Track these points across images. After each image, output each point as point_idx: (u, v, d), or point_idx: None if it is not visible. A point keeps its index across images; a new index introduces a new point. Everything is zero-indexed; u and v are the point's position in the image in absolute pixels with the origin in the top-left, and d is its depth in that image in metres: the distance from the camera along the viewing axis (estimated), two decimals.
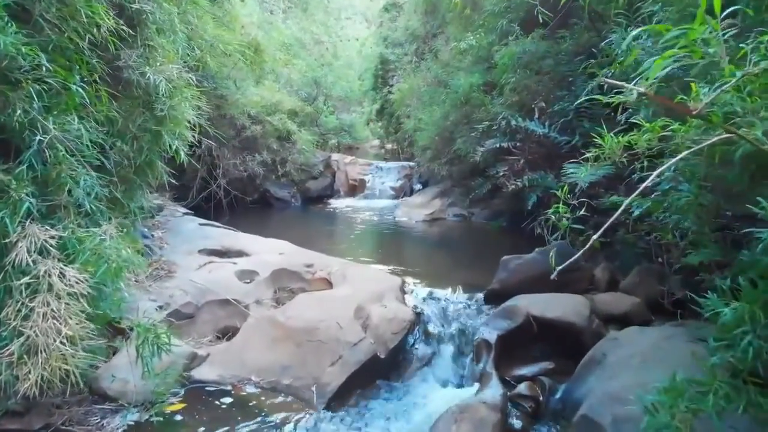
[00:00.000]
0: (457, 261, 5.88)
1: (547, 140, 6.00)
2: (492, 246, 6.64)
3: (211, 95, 8.73)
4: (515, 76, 6.43)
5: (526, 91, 6.47)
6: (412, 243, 7.08)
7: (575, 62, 5.87)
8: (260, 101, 9.59)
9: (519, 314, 3.85)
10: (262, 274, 4.68)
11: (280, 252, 5.25)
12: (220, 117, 9.04)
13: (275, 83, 10.76)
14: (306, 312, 3.81)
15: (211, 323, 4.26)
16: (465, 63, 8.61)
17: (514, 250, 6.14)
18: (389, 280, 4.54)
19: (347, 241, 7.28)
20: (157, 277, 4.59)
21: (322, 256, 5.30)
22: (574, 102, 5.65)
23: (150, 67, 4.07)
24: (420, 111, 9.87)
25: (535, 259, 4.37)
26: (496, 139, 6.50)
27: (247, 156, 9.24)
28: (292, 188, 10.14)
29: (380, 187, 11.45)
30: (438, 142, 9.07)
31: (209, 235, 5.58)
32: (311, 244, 6.73)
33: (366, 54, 19.74)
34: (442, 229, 7.95)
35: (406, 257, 6.07)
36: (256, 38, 9.26)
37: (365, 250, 6.37)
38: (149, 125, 4.12)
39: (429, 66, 10.35)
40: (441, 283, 4.87)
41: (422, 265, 5.77)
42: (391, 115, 15.42)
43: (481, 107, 7.16)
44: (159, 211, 5.99)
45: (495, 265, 5.63)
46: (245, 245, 5.39)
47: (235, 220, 8.61)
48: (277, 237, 7.35)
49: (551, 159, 6.01)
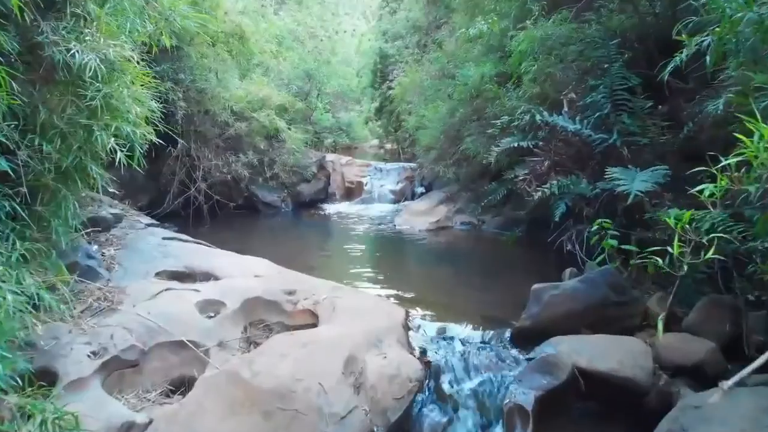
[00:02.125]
0: (471, 282, 4.94)
1: (576, 138, 5.07)
2: (510, 263, 5.70)
3: (189, 89, 7.80)
4: (536, 64, 5.50)
5: (549, 82, 5.54)
6: (416, 258, 6.14)
7: (611, 46, 4.94)
8: (246, 96, 8.64)
9: (562, 367, 2.91)
10: (231, 305, 3.73)
11: (256, 274, 4.31)
12: (200, 113, 8.11)
13: (264, 77, 9.81)
14: (280, 365, 2.87)
15: (161, 372, 3.31)
16: (474, 53, 7.67)
17: (538, 269, 5.21)
18: (389, 314, 3.59)
19: (340, 254, 6.33)
20: (98, 311, 3.63)
21: (307, 279, 4.36)
22: (610, 93, 4.73)
23: (80, 44, 3.14)
24: (423, 107, 8.93)
25: (576, 290, 3.43)
26: (513, 138, 5.57)
27: (230, 157, 8.29)
28: (282, 192, 9.19)
29: (379, 191, 10.51)
30: (443, 141, 8.15)
31: (172, 252, 4.63)
32: (298, 258, 5.80)
33: (364, 49, 18.82)
34: (449, 240, 7.01)
35: (408, 277, 5.14)
36: (241, 26, 8.32)
37: (361, 268, 5.44)
38: (80, 118, 3.18)
39: (433, 58, 9.41)
40: (453, 314, 3.94)
41: (429, 287, 4.83)
42: (390, 112, 14.50)
43: (495, 101, 6.23)
44: (116, 223, 5.04)
45: (516, 287, 4.69)
46: (215, 266, 4.44)
47: (216, 229, 7.68)
48: (261, 248, 6.46)
49: (581, 160, 5.08)
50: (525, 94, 5.72)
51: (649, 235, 4.30)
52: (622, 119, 4.65)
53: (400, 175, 11.11)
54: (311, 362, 2.87)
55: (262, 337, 3.64)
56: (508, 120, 5.21)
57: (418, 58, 10.45)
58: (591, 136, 4.68)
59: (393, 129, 15.00)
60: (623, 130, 4.64)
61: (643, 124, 4.67)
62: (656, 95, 4.80)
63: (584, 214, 4.68)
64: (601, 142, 4.71)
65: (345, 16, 23.74)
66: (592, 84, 4.87)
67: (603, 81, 4.83)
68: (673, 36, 3.36)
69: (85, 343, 3.27)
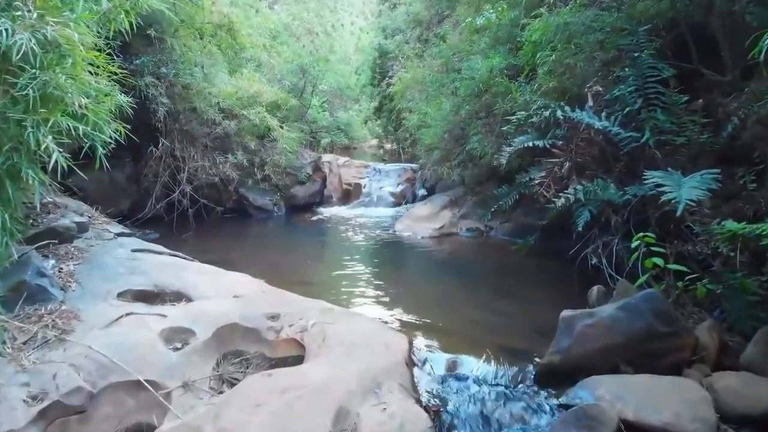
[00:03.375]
0: (482, 301, 4.36)
1: (599, 137, 4.49)
2: (525, 276, 5.12)
3: (174, 84, 7.22)
4: (554, 54, 4.92)
5: (569, 74, 4.96)
6: (419, 270, 5.56)
7: (640, 33, 4.36)
8: (236, 92, 8.06)
9: (604, 421, 2.33)
10: (202, 333, 3.15)
11: (236, 294, 3.73)
12: (186, 110, 7.53)
13: (256, 72, 9.23)
14: (252, 420, 2.29)
15: (114, 420, 2.74)
16: (481, 45, 7.09)
17: (558, 285, 4.61)
18: (389, 346, 3.01)
19: (335, 266, 5.75)
20: (43, 342, 3.05)
21: (294, 298, 3.78)
22: (642, 85, 4.16)
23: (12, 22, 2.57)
24: (425, 104, 8.35)
25: (615, 320, 2.85)
26: (528, 136, 4.99)
27: (218, 157, 7.71)
28: (275, 195, 8.61)
29: (378, 193, 9.94)
30: (447, 141, 7.58)
31: (141, 267, 4.05)
32: (288, 270, 5.22)
33: (363, 46, 18.25)
34: (455, 249, 6.44)
35: (411, 294, 4.55)
36: (230, 17, 7.74)
37: (357, 282, 4.86)
38: (12, 113, 2.60)
39: (436, 52, 8.83)
40: (465, 343, 3.36)
41: (435, 307, 4.24)
42: (390, 111, 13.95)
43: (507, 96, 5.65)
44: (81, 233, 4.46)
45: (536, 308, 4.11)
46: (189, 283, 3.86)
47: (201, 235, 7.10)
48: (248, 258, 5.86)
49: (606, 162, 4.51)
50: (540, 89, 5.14)
51: (689, 249, 3.73)
52: (655, 115, 4.07)
53: (400, 176, 10.54)
54: (291, 416, 2.29)
55: (238, 372, 3.07)
56: (525, 116, 4.62)
57: (420, 53, 9.86)
58: (620, 135, 4.10)
59: (393, 128, 14.45)
60: (656, 128, 4.07)
61: (679, 121, 4.10)
62: (686, 89, 4.24)
63: (612, 224, 4.11)
64: (630, 141, 4.14)
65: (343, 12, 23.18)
66: (619, 75, 4.29)
67: (632, 72, 4.25)
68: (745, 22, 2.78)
69: (22, 384, 2.70)
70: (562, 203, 3.93)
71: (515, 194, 5.50)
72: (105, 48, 4.36)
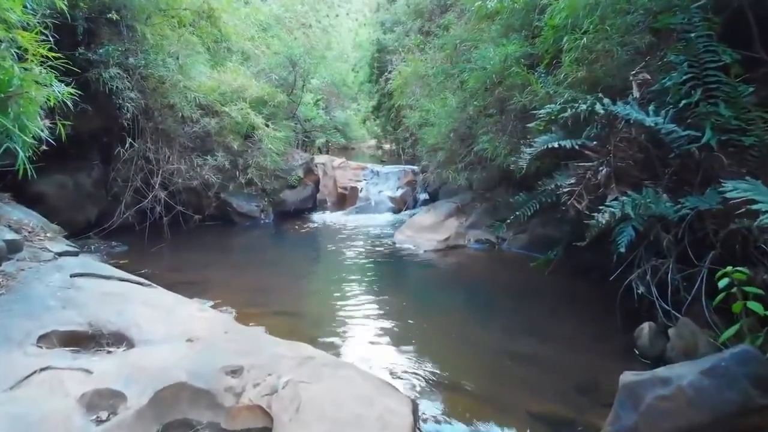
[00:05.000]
0: (500, 338, 3.56)
1: (643, 136, 3.70)
2: (548, 301, 4.32)
3: (147, 77, 6.41)
4: (584, 38, 4.12)
5: (601, 62, 4.17)
6: (423, 295, 4.72)
7: (693, 10, 3.56)
8: (217, 87, 7.25)
9: None
10: (136, 398, 2.35)
11: (191, 336, 2.93)
12: (161, 107, 6.73)
13: (242, 65, 8.42)
14: None
15: None
16: (491, 34, 6.28)
17: (595, 317, 3.65)
18: (387, 424, 2.21)
19: (323, 288, 4.93)
20: None
21: (265, 341, 2.99)
22: (699, 73, 3.37)
23: None
24: (427, 101, 7.55)
25: (699, 390, 2.05)
26: (551, 136, 4.19)
27: (197, 159, 6.91)
28: (262, 200, 7.80)
29: (376, 198, 9.15)
30: (452, 141, 6.78)
31: (78, 299, 3.25)
32: (266, 295, 4.38)
33: (360, 41, 17.45)
34: (463, 265, 5.63)
35: (414, 330, 3.72)
36: (209, 2, 6.94)
37: (349, 313, 4.03)
38: None
39: (439, 43, 8.02)
40: (485, 408, 2.56)
41: (444, 349, 3.43)
42: (389, 109, 13.15)
43: (525, 89, 4.86)
44: (12, 253, 3.66)
45: (572, 349, 3.25)
46: (134, 320, 3.06)
47: (176, 247, 6.30)
48: (223, 277, 4.91)
49: (651, 167, 3.71)
50: (566, 79, 4.35)
51: (765, 278, 2.95)
52: (717, 110, 3.27)
53: (400, 179, 9.76)
54: None
55: None
56: (557, 110, 3.80)
57: (421, 45, 9.06)
58: (674, 134, 3.30)
59: (392, 127, 13.65)
60: (719, 125, 3.27)
61: (746, 117, 3.31)
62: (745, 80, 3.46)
63: (664, 244, 3.31)
64: (684, 141, 3.34)
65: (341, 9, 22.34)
66: (671, 60, 3.48)
67: (685, 57, 3.45)
68: None
69: None
70: (606, 219, 3.13)
71: (535, 203, 4.70)
72: (39, 27, 3.61)
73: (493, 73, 5.28)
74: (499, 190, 6.39)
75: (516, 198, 4.80)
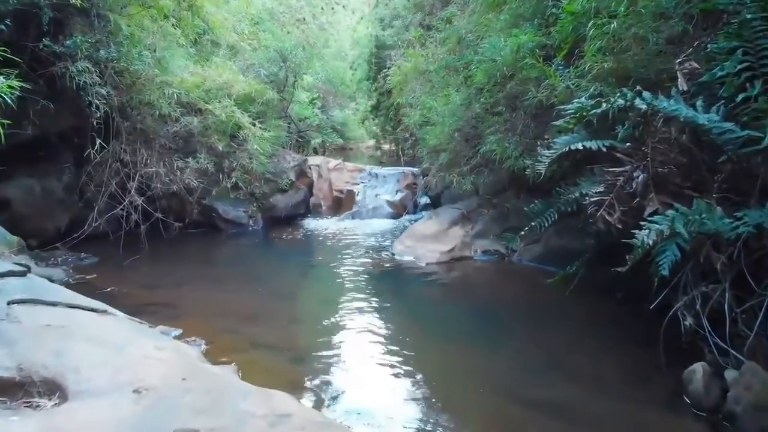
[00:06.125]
0: (521, 379, 2.99)
1: (685, 136, 3.13)
2: (573, 327, 3.76)
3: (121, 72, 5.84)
4: (614, 23, 3.56)
5: (633, 50, 3.60)
6: (424, 319, 4.09)
7: None
8: (202, 83, 6.68)
9: None
10: None
11: (139, 386, 2.35)
12: (139, 105, 6.16)
13: (230, 60, 7.84)
14: None
15: None
16: (498, 25, 5.71)
17: (633, 354, 3.06)
18: None
19: (311, 312, 4.33)
20: None
21: (234, 390, 2.42)
22: (756, 61, 2.81)
23: None
24: (429, 97, 6.99)
25: None
26: (573, 136, 3.63)
27: (177, 161, 6.34)
28: (250, 205, 7.23)
29: (374, 203, 8.58)
30: (457, 142, 6.23)
31: (9, 333, 2.67)
32: (245, 321, 3.74)
33: (358, 37, 16.87)
34: (470, 281, 5.08)
35: (414, 366, 3.11)
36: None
37: (340, 343, 3.45)
38: None
39: (441, 37, 7.46)
40: None
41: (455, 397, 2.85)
42: (388, 108, 12.59)
43: (542, 83, 4.30)
44: None
45: (607, 398, 2.66)
46: (72, 363, 2.48)
47: (152, 258, 5.72)
48: (200, 295, 4.25)
49: (698, 173, 3.14)
50: (591, 71, 3.78)
51: None
52: None
53: (399, 182, 9.18)
54: None
55: None
56: (590, 105, 3.22)
57: (422, 39, 8.49)
58: (728, 134, 2.74)
59: (391, 127, 13.10)
60: None
61: None
62: None
63: (717, 266, 2.75)
64: (741, 143, 2.78)
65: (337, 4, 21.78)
66: (720, 47, 2.92)
67: (738, 43, 2.89)
68: None
69: None
70: (653, 239, 2.56)
71: (553, 212, 4.13)
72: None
73: (504, 65, 4.71)
74: (509, 195, 5.83)
75: (531, 206, 4.23)
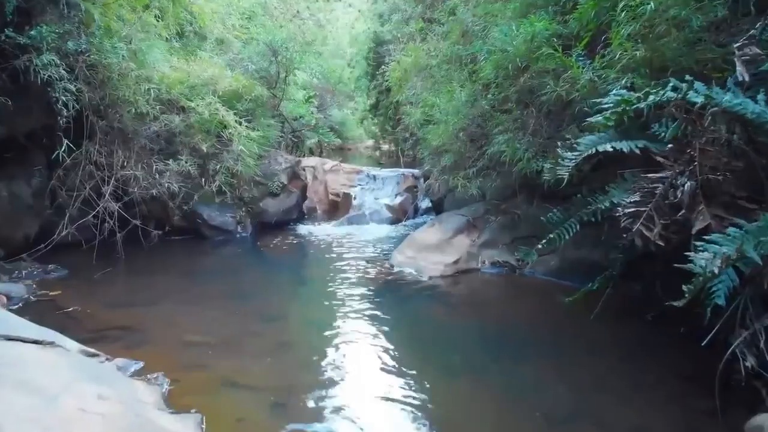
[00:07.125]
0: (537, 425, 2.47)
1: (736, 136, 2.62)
2: (599, 356, 3.23)
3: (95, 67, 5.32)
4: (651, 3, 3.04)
5: (671, 35, 3.08)
6: (427, 348, 3.51)
7: None
8: (186, 78, 6.16)
9: None
10: None
11: None
12: (116, 103, 5.63)
13: (217, 55, 7.32)
14: None
15: None
16: (507, 14, 5.19)
17: (666, 383, 2.64)
18: None
19: (299, 338, 3.79)
20: None
21: None
22: None
23: None
24: (431, 94, 6.47)
25: None
26: (601, 136, 3.12)
27: (156, 164, 5.82)
28: (239, 211, 6.72)
29: (372, 206, 8.07)
30: (462, 142, 5.71)
31: None
32: (221, 350, 3.17)
33: (356, 34, 16.35)
34: (477, 298, 4.56)
35: (415, 411, 2.63)
36: None
37: (325, 381, 2.90)
38: None
39: (442, 31, 6.94)
40: None
41: None
42: (387, 106, 12.08)
43: (561, 75, 3.79)
44: None
45: None
46: None
47: (127, 270, 5.21)
48: (170, 317, 3.72)
49: (757, 180, 2.63)
50: (621, 61, 3.27)
51: None
52: None
53: (399, 184, 8.69)
54: None
55: None
56: (636, 97, 2.69)
57: (424, 33, 7.98)
58: None
59: (390, 126, 12.60)
60: None
61: None
62: None
63: None
64: None
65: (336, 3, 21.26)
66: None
67: None
68: None
69: None
70: (718, 266, 2.04)
71: (574, 223, 3.61)
72: None
73: (517, 56, 4.19)
74: (519, 200, 5.32)
75: (549, 215, 3.71)
